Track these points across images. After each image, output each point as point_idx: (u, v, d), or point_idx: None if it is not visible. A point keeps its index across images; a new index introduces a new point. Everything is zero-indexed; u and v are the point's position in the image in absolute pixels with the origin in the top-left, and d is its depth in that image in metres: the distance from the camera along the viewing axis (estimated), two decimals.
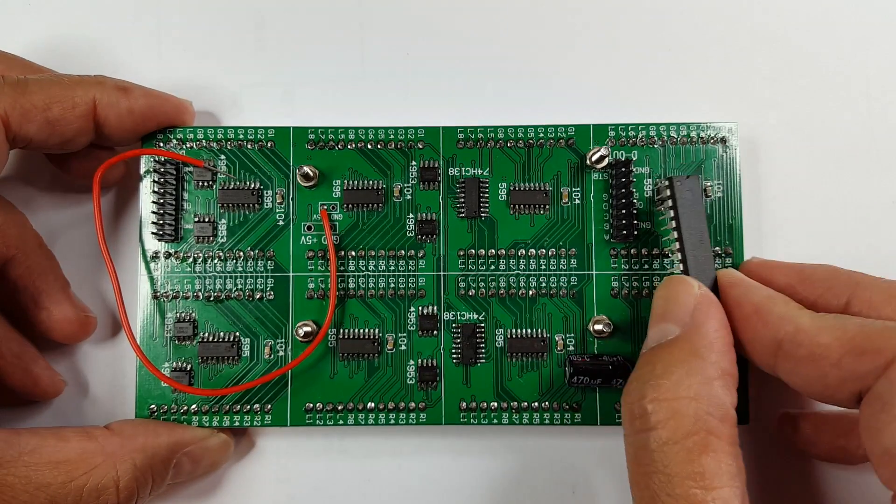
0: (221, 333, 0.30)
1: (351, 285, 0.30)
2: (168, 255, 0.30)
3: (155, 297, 0.30)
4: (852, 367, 0.21)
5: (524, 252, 0.30)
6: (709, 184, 0.30)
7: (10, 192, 0.30)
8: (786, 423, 0.29)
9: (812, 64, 0.32)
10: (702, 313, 0.24)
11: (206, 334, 0.29)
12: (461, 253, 0.30)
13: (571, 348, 0.29)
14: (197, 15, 0.33)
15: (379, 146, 0.30)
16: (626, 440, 0.24)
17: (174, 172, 0.30)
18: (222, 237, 0.30)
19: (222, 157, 0.30)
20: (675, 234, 0.27)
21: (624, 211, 0.29)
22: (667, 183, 0.28)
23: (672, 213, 0.28)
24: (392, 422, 0.29)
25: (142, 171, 0.30)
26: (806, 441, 0.28)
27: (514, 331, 0.29)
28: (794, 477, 0.30)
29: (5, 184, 0.31)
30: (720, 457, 0.21)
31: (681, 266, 0.27)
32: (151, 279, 0.30)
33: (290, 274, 0.30)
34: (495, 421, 0.29)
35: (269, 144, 0.30)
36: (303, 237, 0.30)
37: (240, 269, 0.30)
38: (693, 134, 0.30)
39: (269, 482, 0.31)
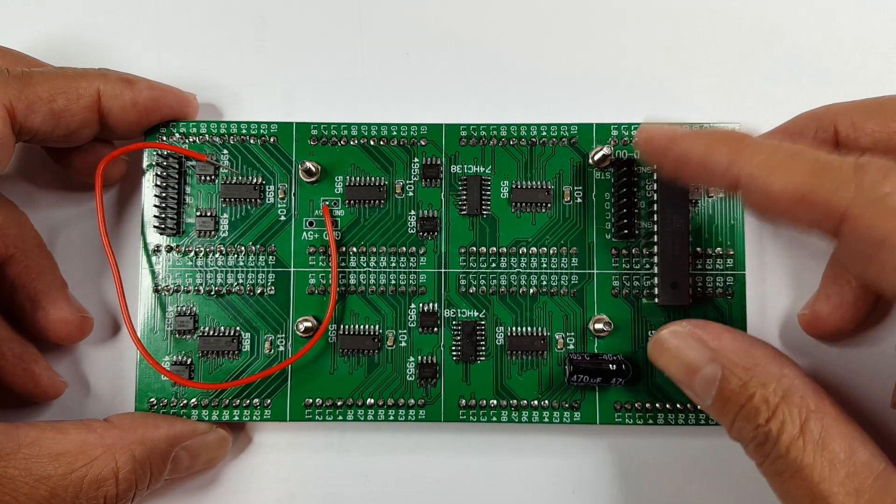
0: (222, 328, 0.30)
1: (352, 281, 0.30)
2: (169, 249, 0.30)
3: (156, 290, 0.30)
4: (805, 214, 0.22)
5: (525, 250, 0.30)
6: None
7: (11, 189, 0.30)
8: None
9: (812, 64, 0.32)
10: (714, 339, 0.24)
11: (207, 328, 0.29)
12: (462, 250, 0.30)
13: (571, 347, 0.29)
14: (197, 15, 0.33)
15: (381, 143, 0.30)
16: (767, 464, 0.23)
17: (176, 166, 0.30)
18: (224, 232, 0.30)
19: (225, 151, 0.30)
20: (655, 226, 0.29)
21: (626, 210, 0.29)
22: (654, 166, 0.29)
23: (655, 197, 0.29)
24: (391, 418, 0.29)
25: (144, 165, 0.30)
26: None
27: (514, 329, 0.29)
28: None
29: (6, 181, 0.31)
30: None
31: (655, 258, 0.29)
32: (153, 273, 0.30)
33: (292, 269, 0.30)
34: (494, 419, 0.29)
35: (271, 139, 0.30)
36: (304, 233, 0.30)
37: (241, 263, 0.30)
38: None
39: (267, 479, 0.31)
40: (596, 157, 0.29)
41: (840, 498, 0.21)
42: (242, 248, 0.30)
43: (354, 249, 0.30)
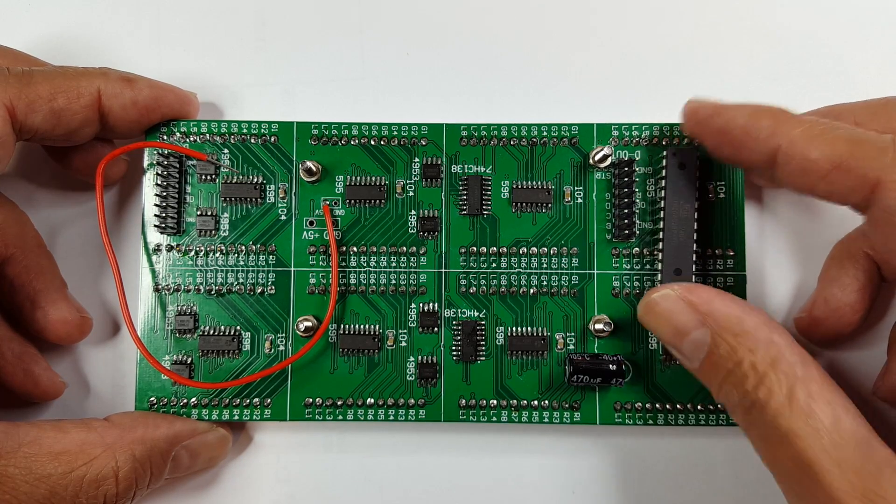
0: (222, 327, 0.30)
1: (352, 281, 0.30)
2: (170, 248, 0.30)
3: (156, 289, 0.30)
4: (841, 181, 0.23)
5: (526, 250, 0.30)
6: (712, 185, 0.30)
7: (11, 189, 0.30)
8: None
9: (812, 64, 0.32)
10: (704, 303, 0.25)
11: (207, 328, 0.29)
12: (462, 250, 0.30)
13: (572, 347, 0.29)
14: (197, 15, 0.33)
15: (382, 142, 0.30)
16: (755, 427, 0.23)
17: (177, 166, 0.30)
18: (224, 231, 0.30)
19: (225, 150, 0.30)
20: (661, 213, 0.28)
21: (626, 211, 0.29)
22: (663, 154, 0.29)
23: (662, 185, 0.29)
24: (391, 418, 0.29)
25: (145, 164, 0.30)
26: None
27: (514, 329, 0.29)
28: None
29: (6, 181, 0.31)
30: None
31: (660, 244, 0.28)
32: (153, 272, 0.30)
33: (292, 269, 0.30)
34: (494, 419, 0.29)
35: (272, 139, 0.30)
36: (305, 232, 0.30)
37: (241, 263, 0.30)
38: None
39: (267, 478, 0.30)
40: (596, 157, 0.29)
41: (825, 465, 0.21)
42: (243, 247, 0.30)
43: (355, 249, 0.30)
